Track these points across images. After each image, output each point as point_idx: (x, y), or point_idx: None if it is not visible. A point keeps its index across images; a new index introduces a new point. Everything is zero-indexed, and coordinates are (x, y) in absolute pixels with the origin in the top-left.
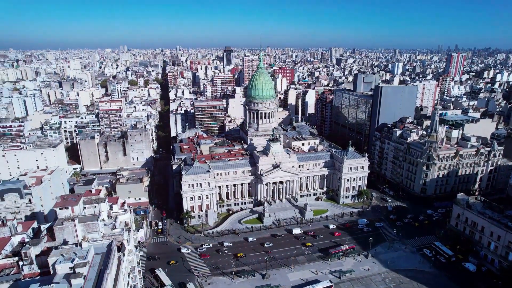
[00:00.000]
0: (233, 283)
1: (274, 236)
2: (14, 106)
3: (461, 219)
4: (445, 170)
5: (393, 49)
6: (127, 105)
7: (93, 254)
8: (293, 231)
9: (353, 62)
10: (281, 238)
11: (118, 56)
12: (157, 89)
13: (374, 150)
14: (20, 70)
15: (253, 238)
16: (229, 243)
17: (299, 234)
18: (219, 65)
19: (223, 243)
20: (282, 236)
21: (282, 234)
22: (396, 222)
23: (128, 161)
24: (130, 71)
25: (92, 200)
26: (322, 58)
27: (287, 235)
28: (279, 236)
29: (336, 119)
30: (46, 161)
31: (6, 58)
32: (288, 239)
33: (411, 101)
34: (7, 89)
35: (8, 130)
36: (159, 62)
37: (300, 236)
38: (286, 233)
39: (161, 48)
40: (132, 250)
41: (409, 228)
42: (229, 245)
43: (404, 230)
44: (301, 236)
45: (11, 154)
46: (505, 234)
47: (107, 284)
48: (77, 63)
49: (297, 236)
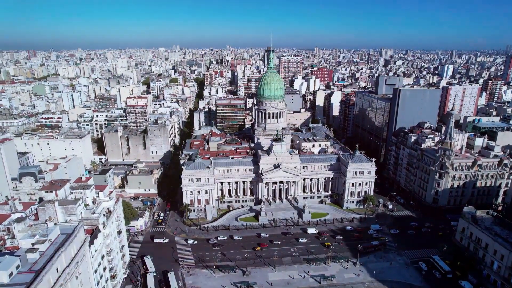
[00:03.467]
0: (213, 276)
1: (271, 242)
2: (64, 100)
3: (466, 234)
4: (461, 180)
5: (450, 51)
6: (157, 101)
7: (59, 233)
8: (308, 230)
9: (402, 64)
10: (277, 237)
11: (169, 55)
12: (193, 87)
13: (390, 155)
14: (79, 68)
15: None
16: (223, 236)
17: (314, 233)
18: (261, 65)
19: (217, 237)
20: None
21: (278, 235)
22: (392, 230)
23: (148, 154)
24: (175, 70)
25: (78, 186)
26: (369, 60)
27: (282, 236)
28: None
29: (357, 122)
30: (73, 150)
31: (72, 57)
32: (285, 239)
33: (433, 105)
34: (63, 85)
35: (49, 121)
36: (204, 61)
37: (312, 236)
38: (281, 234)
39: (211, 47)
40: (112, 234)
41: (410, 239)
42: (223, 239)
43: (404, 241)
44: (316, 236)
45: (45, 142)
46: (508, 253)
47: (58, 260)
48: (124, 61)
49: (313, 235)
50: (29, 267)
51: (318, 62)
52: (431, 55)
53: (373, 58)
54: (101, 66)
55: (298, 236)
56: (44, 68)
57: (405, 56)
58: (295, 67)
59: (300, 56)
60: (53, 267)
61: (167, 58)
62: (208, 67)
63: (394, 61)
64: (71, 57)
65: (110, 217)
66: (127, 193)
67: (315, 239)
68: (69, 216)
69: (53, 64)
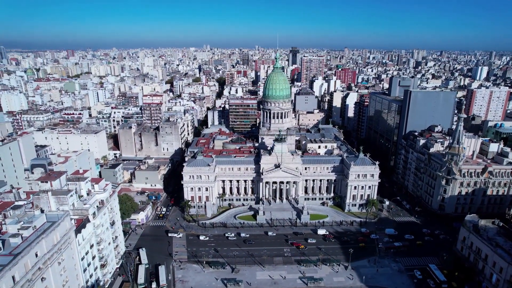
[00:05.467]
0: (202, 271)
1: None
2: (89, 97)
3: (467, 244)
4: (469, 187)
5: (489, 52)
6: (174, 100)
7: (45, 221)
8: (318, 231)
9: (434, 65)
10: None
11: (198, 54)
12: (214, 86)
13: (400, 159)
14: (109, 66)
15: (245, 234)
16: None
17: (325, 234)
18: (286, 65)
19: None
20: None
21: (275, 234)
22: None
23: (159, 151)
24: (200, 69)
25: (74, 178)
26: (398, 61)
27: (293, 236)
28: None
29: (370, 124)
30: (88, 145)
31: (107, 56)
32: (281, 238)
33: (447, 108)
34: (92, 83)
35: (71, 117)
36: (231, 61)
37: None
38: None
39: (241, 47)
40: (104, 225)
41: (409, 246)
42: (209, 236)
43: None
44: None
45: (63, 136)
46: (507, 266)
47: (38, 245)
48: (150, 60)
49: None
50: (10, 251)
51: (346, 63)
52: (468, 56)
53: (403, 60)
54: (130, 65)
55: (308, 236)
56: (78, 66)
57: (439, 57)
58: (317, 67)
59: (323, 56)
60: (31, 251)
61: (195, 58)
62: (234, 67)
63: (425, 62)
64: (105, 56)
65: (102, 208)
66: (134, 187)
67: (323, 240)
68: (61, 205)
69: (86, 63)
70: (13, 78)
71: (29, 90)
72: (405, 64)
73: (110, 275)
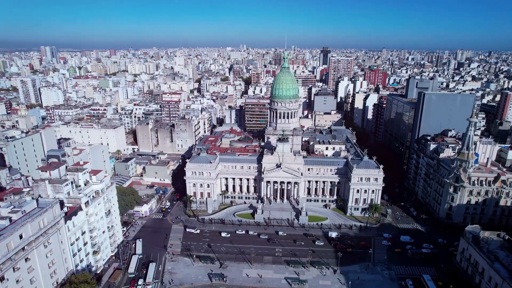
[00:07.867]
0: (192, 265)
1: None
2: (119, 94)
3: (465, 255)
4: (480, 196)
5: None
6: (194, 98)
7: (35, 206)
8: (329, 234)
9: (477, 66)
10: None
11: (232, 54)
12: (239, 85)
13: (411, 164)
14: (145, 65)
15: (241, 231)
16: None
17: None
18: (317, 65)
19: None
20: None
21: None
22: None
23: (174, 147)
24: (231, 68)
25: (73, 169)
26: (438, 62)
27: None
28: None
29: (387, 127)
30: (107, 139)
31: (146, 55)
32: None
33: (465, 111)
34: (125, 80)
35: (96, 112)
36: (263, 61)
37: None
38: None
39: (276, 47)
40: (98, 214)
41: (405, 255)
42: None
43: (398, 256)
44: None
45: (85, 131)
46: (502, 282)
47: (23, 228)
48: (181, 59)
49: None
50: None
51: (381, 64)
52: None
53: (443, 61)
54: (165, 64)
55: (317, 238)
56: (116, 65)
57: (487, 57)
58: (345, 68)
59: (351, 56)
60: (15, 233)
61: (229, 57)
62: (266, 66)
63: (468, 63)
64: (144, 55)
65: (96, 198)
66: (144, 181)
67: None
68: (57, 194)
69: (124, 62)
70: (56, 75)
71: (68, 87)
72: (445, 65)
73: (104, 262)
